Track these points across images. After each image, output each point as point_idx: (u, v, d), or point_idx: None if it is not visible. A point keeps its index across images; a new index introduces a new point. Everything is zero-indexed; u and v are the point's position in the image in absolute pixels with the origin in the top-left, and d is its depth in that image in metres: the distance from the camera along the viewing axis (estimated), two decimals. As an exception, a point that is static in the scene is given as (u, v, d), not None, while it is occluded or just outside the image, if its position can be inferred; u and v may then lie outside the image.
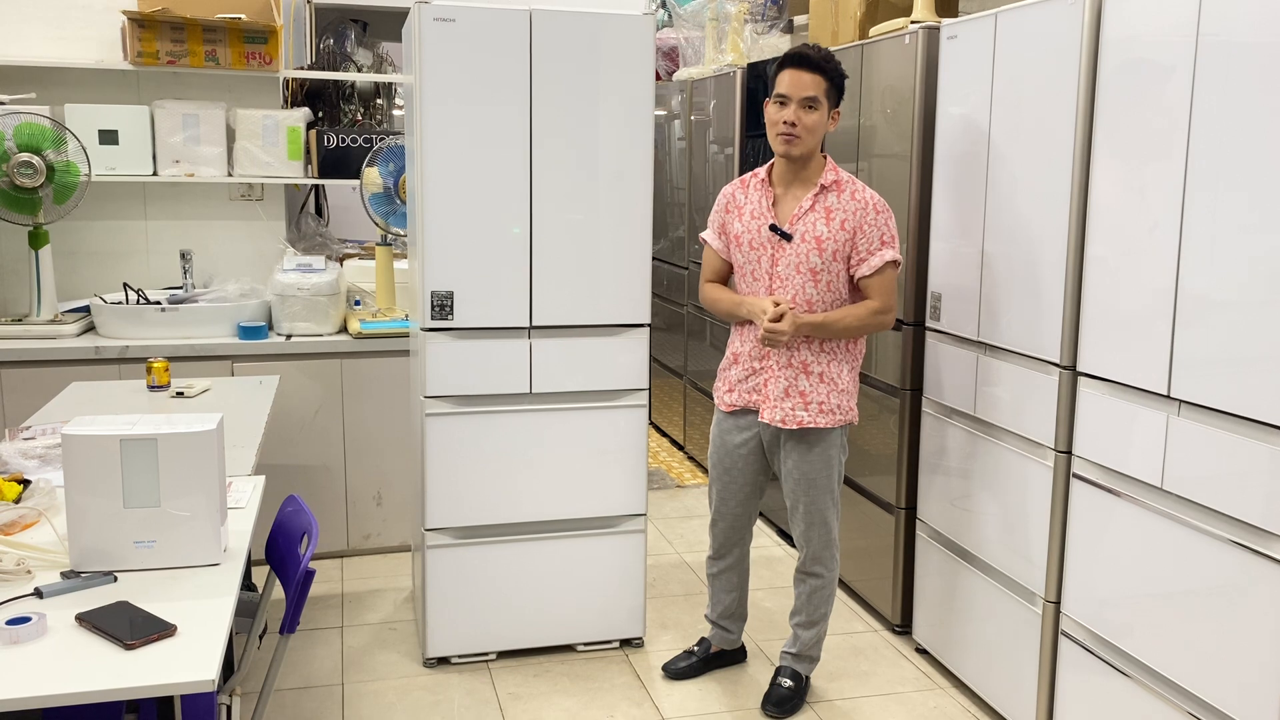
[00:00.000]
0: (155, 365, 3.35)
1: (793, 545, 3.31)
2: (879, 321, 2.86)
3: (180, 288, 4.14)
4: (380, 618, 3.63)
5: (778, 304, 2.77)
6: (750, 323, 2.94)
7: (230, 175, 4.20)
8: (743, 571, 3.22)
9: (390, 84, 5.19)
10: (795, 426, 2.87)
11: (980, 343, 3.02)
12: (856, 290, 2.90)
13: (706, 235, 3.08)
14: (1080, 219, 2.61)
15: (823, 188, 2.85)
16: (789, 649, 3.12)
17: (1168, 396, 2.34)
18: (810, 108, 2.78)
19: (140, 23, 3.96)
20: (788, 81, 2.80)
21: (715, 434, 3.09)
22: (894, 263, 2.85)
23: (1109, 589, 2.55)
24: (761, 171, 2.96)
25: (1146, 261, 2.39)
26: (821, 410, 2.87)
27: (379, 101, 5.22)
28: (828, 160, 2.90)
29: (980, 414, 3.02)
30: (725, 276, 3.07)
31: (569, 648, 3.39)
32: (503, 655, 3.34)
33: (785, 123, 2.79)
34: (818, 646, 3.11)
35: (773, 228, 2.87)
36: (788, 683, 3.07)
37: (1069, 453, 2.69)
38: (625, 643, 3.43)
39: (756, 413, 2.95)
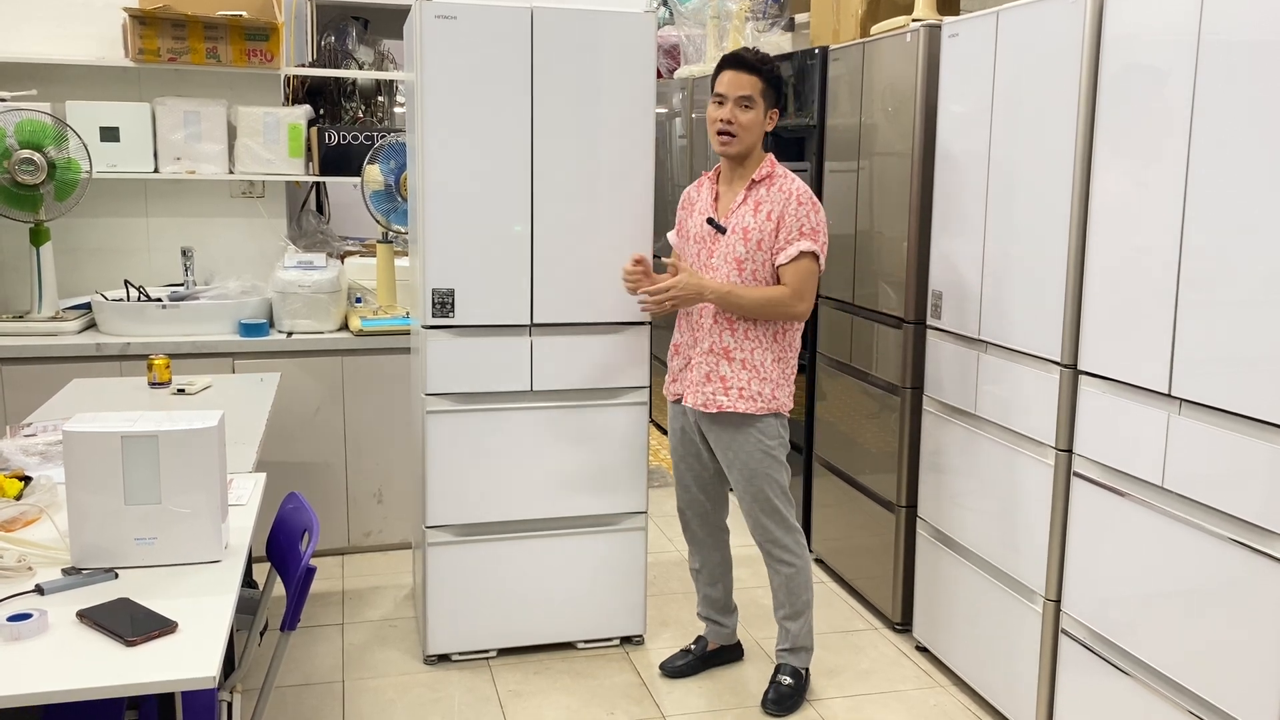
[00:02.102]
0: (156, 362, 3.35)
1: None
2: (786, 310, 2.87)
3: (181, 285, 4.14)
4: (381, 615, 3.63)
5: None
6: (687, 313, 3.03)
7: (231, 172, 4.20)
8: (723, 563, 3.24)
9: (391, 81, 5.19)
10: (715, 410, 2.92)
11: (981, 341, 3.02)
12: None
13: (670, 235, 3.16)
14: (1081, 217, 2.61)
15: (754, 182, 2.92)
16: (782, 645, 3.12)
17: (1169, 395, 2.34)
18: (746, 107, 2.86)
19: (141, 20, 3.96)
20: (725, 81, 2.88)
21: (669, 424, 3.17)
22: (811, 254, 2.86)
23: (1109, 588, 2.55)
24: (712, 171, 3.06)
25: (1147, 260, 2.39)
26: (742, 396, 2.90)
27: (380, 99, 5.22)
28: (767, 157, 2.95)
29: (981, 412, 3.02)
30: None
31: (569, 645, 3.39)
32: (503, 652, 3.34)
33: (722, 120, 2.87)
34: (809, 636, 3.11)
35: (709, 221, 2.96)
36: (788, 680, 3.08)
37: (1070, 451, 2.69)
38: (625, 640, 3.44)
39: None
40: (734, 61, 2.88)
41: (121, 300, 3.96)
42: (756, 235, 2.87)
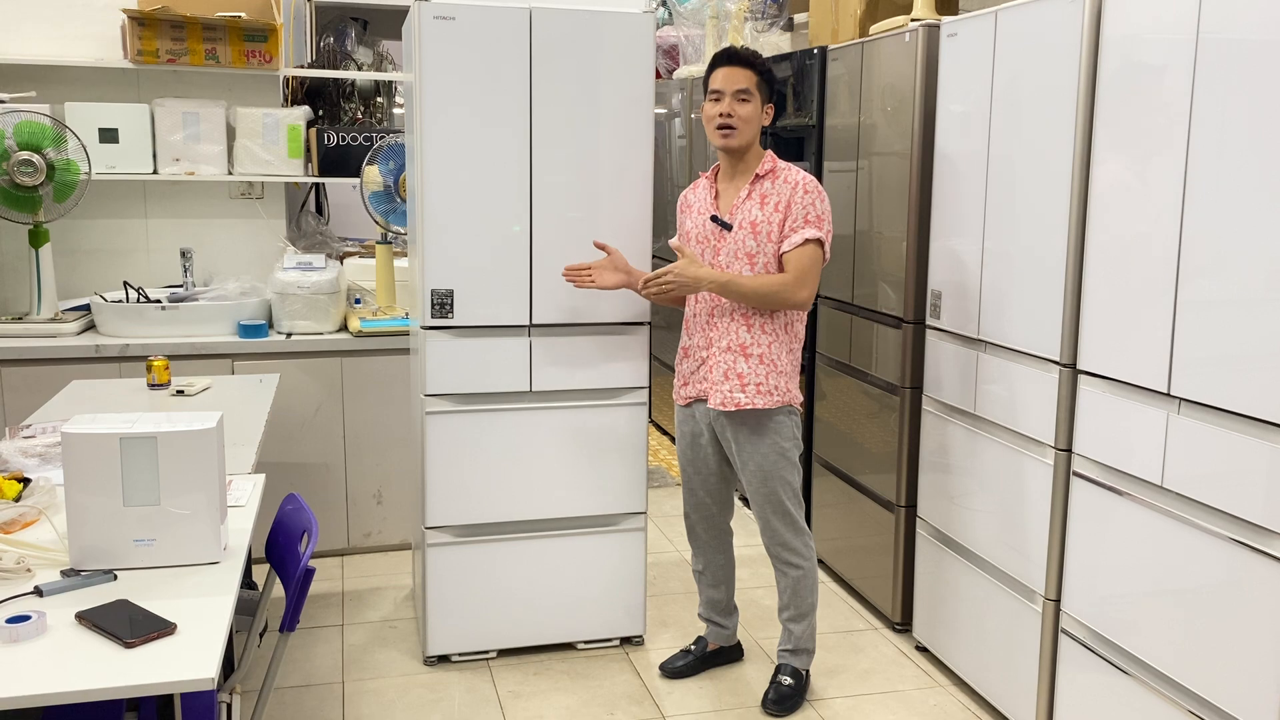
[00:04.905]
0: (155, 364, 3.35)
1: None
2: (789, 296, 2.85)
3: (180, 286, 4.14)
4: (380, 616, 3.63)
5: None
6: (695, 315, 3.02)
7: (230, 173, 4.20)
8: (727, 565, 3.24)
9: (390, 82, 5.19)
10: (734, 409, 2.92)
11: (980, 340, 3.02)
12: None
13: (673, 241, 3.13)
14: (1080, 217, 2.61)
15: (758, 176, 2.92)
16: (784, 646, 3.12)
17: (1168, 394, 2.34)
18: (744, 100, 2.88)
19: (140, 21, 3.96)
20: (721, 77, 2.90)
21: (677, 429, 3.15)
22: (816, 241, 2.86)
23: (1109, 587, 2.55)
24: (709, 171, 3.06)
25: (1147, 259, 2.39)
26: (760, 391, 2.90)
27: (379, 100, 5.22)
28: (767, 153, 2.96)
29: (980, 412, 3.02)
30: None
31: (569, 646, 3.39)
32: (503, 653, 3.34)
33: (721, 114, 2.88)
34: (811, 638, 3.12)
35: (714, 218, 2.95)
36: (788, 680, 3.08)
37: (1069, 450, 2.69)
38: (625, 641, 3.43)
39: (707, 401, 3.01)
40: (728, 58, 2.90)
41: (121, 301, 3.96)
42: (765, 228, 2.88)
